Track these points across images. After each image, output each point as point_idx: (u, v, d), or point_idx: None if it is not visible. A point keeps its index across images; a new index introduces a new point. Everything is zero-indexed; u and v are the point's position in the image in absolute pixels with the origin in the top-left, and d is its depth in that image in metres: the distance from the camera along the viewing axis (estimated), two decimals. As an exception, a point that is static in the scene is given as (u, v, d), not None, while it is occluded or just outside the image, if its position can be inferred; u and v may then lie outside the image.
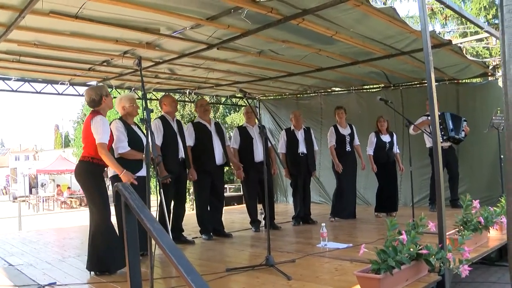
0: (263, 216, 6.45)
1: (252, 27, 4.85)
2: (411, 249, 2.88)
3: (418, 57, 6.21)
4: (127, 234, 1.67)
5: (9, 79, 7.46)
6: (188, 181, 5.79)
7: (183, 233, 5.56)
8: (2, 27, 4.69)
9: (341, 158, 6.81)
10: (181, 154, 5.45)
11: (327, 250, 4.59)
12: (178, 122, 5.65)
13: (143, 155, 4.59)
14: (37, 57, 6.10)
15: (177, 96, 10.46)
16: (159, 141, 5.28)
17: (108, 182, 4.77)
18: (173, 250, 1.36)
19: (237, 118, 21.89)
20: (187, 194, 5.80)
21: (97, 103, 4.02)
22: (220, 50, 5.83)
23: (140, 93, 9.63)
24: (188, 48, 5.87)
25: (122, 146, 4.50)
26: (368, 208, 7.76)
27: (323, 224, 4.88)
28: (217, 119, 19.52)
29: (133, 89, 9.22)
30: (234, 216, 8.15)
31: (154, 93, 9.92)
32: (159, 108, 6.07)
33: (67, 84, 7.99)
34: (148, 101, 5.67)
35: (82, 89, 8.31)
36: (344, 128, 6.97)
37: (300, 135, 6.82)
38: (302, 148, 6.76)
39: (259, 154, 6.26)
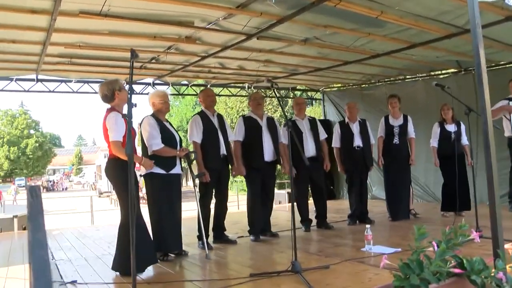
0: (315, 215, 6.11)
1: (286, 12, 4.50)
2: (441, 266, 2.38)
3: (488, 34, 5.40)
4: (31, 243, 1.45)
5: (69, 81, 7.79)
6: (231, 177, 5.59)
7: (225, 232, 5.37)
8: (43, 31, 4.81)
9: (387, 152, 6.27)
10: (223, 150, 5.22)
11: (371, 255, 4.14)
12: (220, 116, 5.41)
13: (178, 152, 4.49)
14: (88, 58, 6.26)
15: (236, 91, 10.38)
16: (198, 138, 5.10)
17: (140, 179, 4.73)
18: (40, 266, 1.16)
19: (312, 111, 21.43)
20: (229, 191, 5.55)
21: (110, 98, 3.92)
22: (261, 40, 5.55)
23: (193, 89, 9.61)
24: (228, 40, 5.67)
25: (156, 143, 4.39)
26: (437, 206, 7.02)
27: (368, 226, 4.42)
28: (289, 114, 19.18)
29: (190, 85, 9.24)
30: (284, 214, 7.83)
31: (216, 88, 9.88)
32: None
33: (124, 83, 8.16)
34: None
35: (138, 88, 8.48)
36: (396, 118, 6.37)
37: (355, 127, 6.34)
38: (357, 142, 6.27)
39: (308, 150, 5.88)
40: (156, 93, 4.68)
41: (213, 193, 5.22)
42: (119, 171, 3.80)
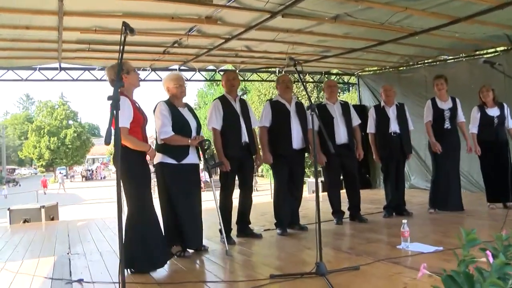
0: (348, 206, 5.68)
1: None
2: (499, 285, 1.91)
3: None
4: None
5: (93, 69, 7.62)
6: (256, 167, 5.22)
7: (249, 225, 5.02)
8: (54, 14, 4.58)
9: (438, 137, 5.68)
10: (245, 137, 4.81)
11: (408, 254, 3.69)
12: (242, 101, 4.99)
13: (190, 141, 4.13)
14: (107, 44, 6.02)
15: (267, 76, 9.98)
16: (218, 124, 4.73)
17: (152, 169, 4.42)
18: None
19: (348, 98, 20.65)
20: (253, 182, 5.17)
21: None
22: (286, 19, 5.12)
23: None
24: (252, 19, 5.30)
25: (165, 131, 4.04)
26: (482, 197, 6.41)
27: (404, 221, 3.95)
28: (320, 100, 18.60)
29: (217, 70, 8.91)
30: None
31: (243, 74, 9.51)
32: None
33: (148, 70, 7.93)
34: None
35: (164, 75, 8.19)
36: (444, 101, 5.76)
37: (391, 112, 5.82)
38: (394, 127, 5.76)
39: (340, 136, 5.44)
40: (170, 77, 4.30)
41: (235, 184, 4.87)
42: (125, 160, 3.48)
